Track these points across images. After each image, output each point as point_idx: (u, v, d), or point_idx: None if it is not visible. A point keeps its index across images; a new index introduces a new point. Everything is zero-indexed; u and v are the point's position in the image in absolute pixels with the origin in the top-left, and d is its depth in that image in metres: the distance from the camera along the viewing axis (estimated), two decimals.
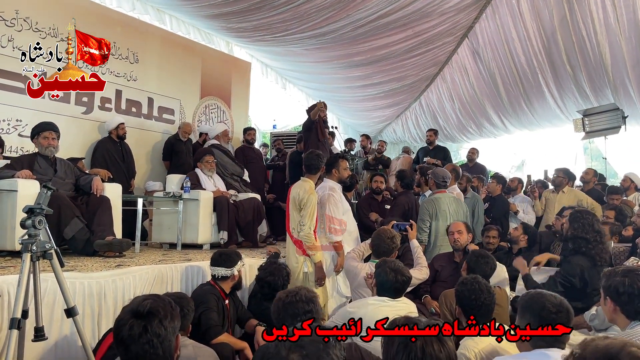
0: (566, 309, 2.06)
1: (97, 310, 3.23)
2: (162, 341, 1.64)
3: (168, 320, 1.67)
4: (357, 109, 12.82)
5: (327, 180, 4.51)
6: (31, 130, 4.55)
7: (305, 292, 2.11)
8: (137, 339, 1.61)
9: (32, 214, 2.24)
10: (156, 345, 1.62)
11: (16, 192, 3.95)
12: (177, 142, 6.84)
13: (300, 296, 2.08)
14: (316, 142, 6.52)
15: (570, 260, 3.70)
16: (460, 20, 8.45)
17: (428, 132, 8.47)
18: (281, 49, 9.39)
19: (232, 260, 3.57)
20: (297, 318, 2.01)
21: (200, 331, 3.16)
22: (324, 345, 1.30)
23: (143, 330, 1.62)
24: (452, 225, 4.34)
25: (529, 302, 2.13)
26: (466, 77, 10.01)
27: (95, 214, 4.32)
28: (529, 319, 2.09)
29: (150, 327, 1.62)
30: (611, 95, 7.99)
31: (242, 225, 5.73)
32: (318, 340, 1.31)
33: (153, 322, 1.63)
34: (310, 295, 2.11)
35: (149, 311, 1.65)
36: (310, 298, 2.08)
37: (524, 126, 10.62)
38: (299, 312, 2.02)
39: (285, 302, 2.08)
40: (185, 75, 7.66)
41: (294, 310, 2.03)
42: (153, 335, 1.62)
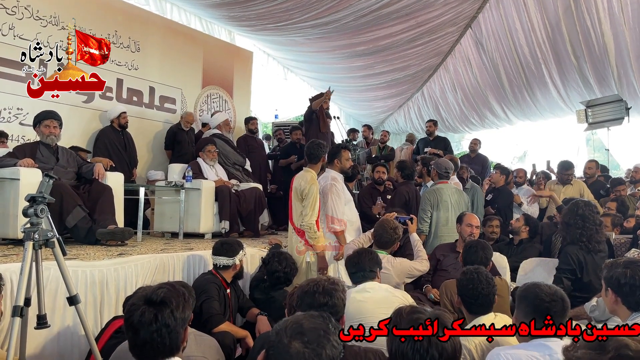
0: (560, 297, 2.07)
1: (99, 298, 3.25)
2: (171, 331, 1.65)
3: (179, 311, 1.68)
4: (359, 99, 12.78)
5: (329, 171, 4.50)
6: (33, 119, 4.55)
7: (326, 284, 2.08)
8: (146, 326, 1.63)
9: (34, 203, 2.24)
10: (164, 334, 1.64)
11: (18, 181, 3.95)
12: (179, 132, 6.84)
13: (319, 287, 2.05)
14: (317, 133, 6.51)
15: (563, 251, 3.73)
16: (463, 10, 8.39)
17: (427, 123, 8.44)
18: (283, 38, 9.35)
19: (233, 249, 3.58)
20: (312, 309, 2.00)
21: (201, 320, 3.18)
22: (324, 332, 1.33)
23: (153, 318, 1.64)
24: (471, 219, 4.28)
25: (524, 293, 2.16)
26: (469, 67, 9.96)
27: (97, 202, 4.33)
28: (524, 309, 2.12)
29: (161, 316, 1.64)
30: (615, 86, 7.95)
31: (243, 214, 5.73)
32: (319, 327, 1.34)
33: (164, 311, 1.65)
34: (331, 287, 2.06)
35: (162, 300, 1.67)
36: (330, 291, 2.04)
37: (526, 117, 10.59)
38: (315, 303, 2.01)
39: (304, 290, 2.07)
40: (186, 64, 7.63)
41: (310, 300, 2.02)
42: (162, 324, 1.64)
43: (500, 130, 11.74)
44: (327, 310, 1.99)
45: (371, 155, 8.99)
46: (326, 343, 1.30)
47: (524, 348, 2.02)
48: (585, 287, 3.57)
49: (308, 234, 4.11)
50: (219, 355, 2.67)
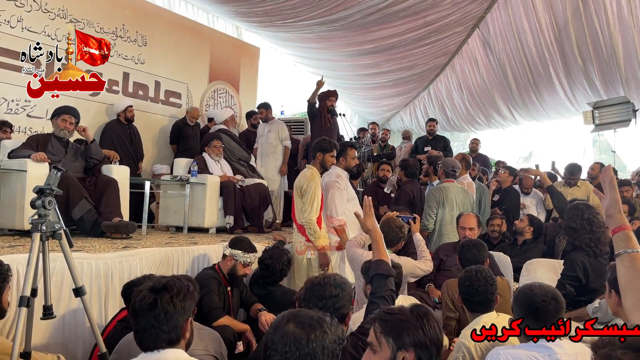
0: (552, 297, 2.08)
1: (104, 290, 3.27)
2: (169, 318, 1.66)
3: (179, 299, 1.70)
4: (365, 97, 12.77)
5: (334, 167, 4.50)
6: (54, 110, 4.63)
7: (336, 277, 2.14)
8: (146, 310, 1.66)
9: (42, 195, 2.26)
10: (162, 320, 1.65)
11: (25, 172, 3.99)
12: (184, 126, 6.85)
13: (331, 280, 2.11)
14: (320, 130, 6.51)
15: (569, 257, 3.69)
16: (471, 10, 8.37)
17: (430, 123, 8.46)
18: (291, 34, 9.34)
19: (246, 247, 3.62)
20: (323, 300, 2.03)
21: (201, 314, 3.20)
22: (319, 319, 1.46)
23: (153, 303, 1.66)
24: (465, 221, 4.27)
25: (519, 294, 2.18)
26: (476, 67, 9.94)
27: (103, 195, 4.37)
28: (518, 309, 2.14)
29: (160, 301, 1.67)
30: (622, 88, 7.92)
31: (248, 210, 5.75)
32: (314, 315, 1.48)
33: (164, 297, 1.68)
34: (341, 281, 2.12)
35: (163, 286, 1.71)
36: (340, 284, 2.10)
37: (532, 118, 10.57)
38: (326, 295, 2.05)
39: (315, 282, 2.11)
40: (193, 59, 7.64)
41: (321, 292, 2.06)
42: (161, 310, 1.66)
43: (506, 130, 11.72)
44: (335, 303, 2.03)
45: (372, 153, 8.98)
46: (318, 327, 1.42)
47: (524, 348, 2.03)
48: (590, 291, 3.56)
49: (308, 230, 4.12)
50: (222, 349, 2.69)
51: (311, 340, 1.39)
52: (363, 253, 3.66)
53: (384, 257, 2.35)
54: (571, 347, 2.02)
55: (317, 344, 1.39)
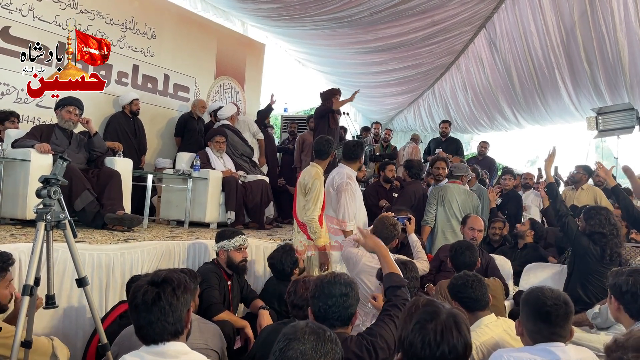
0: (563, 301, 2.05)
1: (105, 281, 3.29)
2: (174, 310, 1.67)
3: (181, 290, 1.70)
4: (370, 95, 12.73)
5: (344, 167, 4.45)
6: (57, 101, 4.61)
7: (346, 277, 2.17)
8: (150, 304, 1.66)
9: (48, 184, 2.26)
10: (167, 312, 1.66)
11: (29, 162, 4.00)
12: (190, 120, 6.85)
13: (340, 278, 2.13)
14: (326, 129, 6.51)
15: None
16: (480, 9, 8.34)
17: (442, 124, 8.47)
18: (297, 31, 9.32)
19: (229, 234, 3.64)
20: (332, 299, 2.05)
21: (202, 308, 3.21)
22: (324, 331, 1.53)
23: (156, 297, 1.66)
24: (475, 222, 4.32)
25: (527, 296, 2.16)
26: (481, 68, 9.91)
27: (106, 187, 4.37)
28: (527, 312, 2.11)
29: (163, 294, 1.67)
30: (626, 95, 7.91)
31: (249, 206, 5.76)
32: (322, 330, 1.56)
33: (166, 289, 1.68)
34: (350, 280, 2.15)
35: (163, 279, 1.71)
36: (349, 283, 2.12)
37: (536, 121, 10.54)
38: (335, 293, 2.06)
39: (324, 281, 2.12)
40: (201, 53, 7.64)
41: (330, 289, 2.07)
42: (165, 302, 1.66)
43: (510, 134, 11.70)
44: (345, 302, 2.04)
45: (375, 153, 8.97)
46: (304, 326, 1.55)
47: (527, 351, 2.02)
48: None
49: (310, 229, 4.11)
50: (222, 343, 2.71)
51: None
52: (358, 252, 3.63)
53: (393, 270, 2.40)
54: (575, 353, 2.01)
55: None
